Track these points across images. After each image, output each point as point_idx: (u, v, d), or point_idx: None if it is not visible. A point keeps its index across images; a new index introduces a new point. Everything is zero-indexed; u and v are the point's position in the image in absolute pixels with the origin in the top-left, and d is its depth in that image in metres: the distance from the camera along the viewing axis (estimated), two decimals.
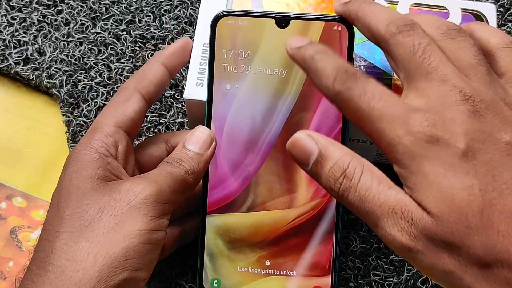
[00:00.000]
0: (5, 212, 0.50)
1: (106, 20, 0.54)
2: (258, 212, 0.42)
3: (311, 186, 0.42)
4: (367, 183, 0.34)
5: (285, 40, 0.41)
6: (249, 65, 0.42)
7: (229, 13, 0.42)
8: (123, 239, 0.36)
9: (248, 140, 0.42)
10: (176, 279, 0.46)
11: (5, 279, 0.47)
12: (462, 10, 0.47)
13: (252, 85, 0.42)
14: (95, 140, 0.40)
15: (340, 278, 0.47)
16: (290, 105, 0.42)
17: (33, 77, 0.53)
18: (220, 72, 0.42)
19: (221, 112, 0.42)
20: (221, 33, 0.42)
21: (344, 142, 0.42)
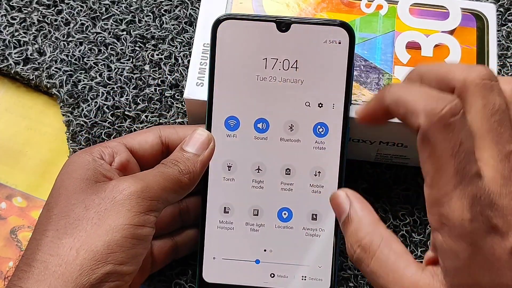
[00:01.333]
0: (5, 212, 0.50)
1: (106, 20, 0.54)
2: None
3: None
4: (382, 258, 0.33)
5: (285, 43, 0.41)
6: (249, 68, 0.42)
7: (230, 17, 0.42)
8: (105, 233, 0.36)
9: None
10: (176, 278, 0.46)
11: (5, 279, 0.47)
12: (462, 10, 0.47)
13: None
14: (93, 148, 0.41)
15: (340, 278, 0.47)
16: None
17: (33, 77, 0.53)
18: (221, 76, 0.42)
19: (223, 117, 0.43)
20: (222, 36, 0.42)
21: (343, 158, 0.42)
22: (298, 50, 0.42)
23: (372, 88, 0.45)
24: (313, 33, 0.42)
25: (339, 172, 0.42)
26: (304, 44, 0.42)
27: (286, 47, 0.42)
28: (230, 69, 0.42)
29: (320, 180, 0.43)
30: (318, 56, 0.42)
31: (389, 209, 0.48)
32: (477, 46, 0.46)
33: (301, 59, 0.42)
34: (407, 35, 0.46)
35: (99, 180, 0.39)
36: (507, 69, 0.52)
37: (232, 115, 0.43)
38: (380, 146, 0.47)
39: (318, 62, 0.42)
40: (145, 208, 0.38)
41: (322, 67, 0.42)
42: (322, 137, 0.42)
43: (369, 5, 0.47)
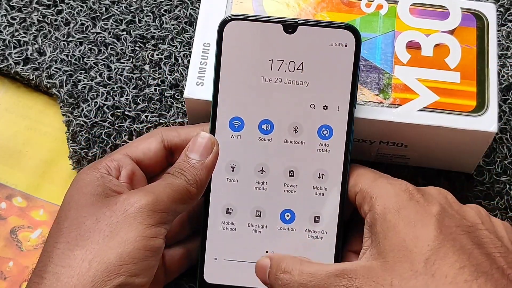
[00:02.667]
0: (5, 212, 0.50)
1: (106, 20, 0.54)
2: None
3: None
4: (306, 269, 0.38)
5: (291, 45, 0.41)
6: (255, 70, 0.42)
7: (236, 18, 0.42)
8: (118, 245, 0.36)
9: None
10: (177, 278, 0.46)
11: (5, 279, 0.47)
12: (462, 10, 0.47)
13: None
14: (100, 163, 0.41)
15: None
16: None
17: (33, 77, 0.53)
18: (226, 77, 0.42)
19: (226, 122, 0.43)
20: (228, 37, 0.42)
21: (346, 167, 0.42)
22: (304, 52, 0.42)
23: (372, 87, 0.45)
24: (320, 35, 0.42)
25: (342, 175, 0.42)
26: (310, 47, 0.42)
27: (292, 49, 0.42)
28: (236, 69, 0.42)
29: (323, 183, 0.42)
30: (324, 58, 0.42)
31: None
32: (477, 46, 0.46)
33: (307, 62, 0.42)
34: (407, 35, 0.46)
35: (109, 195, 0.39)
36: (507, 69, 0.52)
37: (237, 116, 0.43)
38: (380, 145, 0.47)
39: (324, 64, 0.42)
40: (156, 220, 0.38)
41: (328, 69, 0.42)
42: (327, 139, 0.42)
43: (369, 4, 0.47)
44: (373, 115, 0.44)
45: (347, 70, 0.42)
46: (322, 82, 0.42)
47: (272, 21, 0.42)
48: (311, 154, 0.42)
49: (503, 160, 0.50)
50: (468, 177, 0.49)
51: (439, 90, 0.45)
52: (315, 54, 0.42)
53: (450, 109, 0.44)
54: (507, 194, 0.49)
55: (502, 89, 0.52)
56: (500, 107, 0.51)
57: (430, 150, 0.46)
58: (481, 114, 0.44)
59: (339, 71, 0.42)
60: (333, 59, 0.42)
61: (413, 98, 0.44)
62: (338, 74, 0.42)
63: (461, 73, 0.45)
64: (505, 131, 0.51)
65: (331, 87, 0.42)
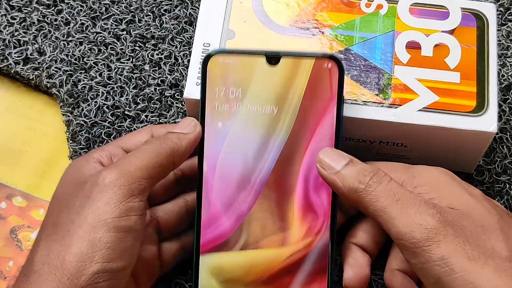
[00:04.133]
0: (5, 212, 0.50)
1: (106, 20, 0.54)
2: (252, 250, 0.42)
3: (304, 223, 0.42)
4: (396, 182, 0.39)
5: (275, 77, 0.42)
6: (240, 103, 0.42)
7: (220, 51, 0.42)
8: (88, 233, 0.36)
9: (241, 178, 0.42)
10: (176, 278, 0.46)
11: (5, 278, 0.47)
12: (462, 10, 0.47)
13: (244, 123, 0.42)
14: (92, 153, 0.41)
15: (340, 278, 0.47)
16: (282, 142, 0.42)
17: (33, 77, 0.53)
18: (212, 110, 0.42)
19: (213, 150, 0.42)
20: (213, 71, 0.42)
21: None
22: (288, 82, 0.42)
23: (372, 88, 0.45)
24: (303, 65, 0.42)
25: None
26: (294, 77, 0.42)
27: (275, 80, 0.42)
28: (221, 102, 0.42)
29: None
30: (308, 87, 0.42)
31: None
32: (477, 45, 0.46)
33: (292, 91, 0.42)
34: (407, 35, 0.46)
35: (86, 181, 0.38)
36: (507, 69, 0.52)
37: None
38: (380, 145, 0.47)
39: (308, 93, 0.42)
40: (124, 195, 0.37)
41: (313, 99, 0.42)
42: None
43: (369, 4, 0.47)
44: (373, 115, 0.44)
45: (332, 99, 0.42)
46: (307, 112, 0.42)
47: (255, 53, 0.42)
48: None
49: (503, 160, 0.50)
50: (468, 176, 0.49)
51: (439, 90, 0.45)
52: (299, 84, 0.42)
53: (450, 109, 0.44)
54: (507, 193, 0.49)
55: (502, 88, 0.52)
56: (500, 106, 0.51)
57: (430, 150, 0.46)
58: (481, 114, 0.44)
59: (324, 100, 0.42)
60: (318, 88, 0.42)
61: (413, 98, 0.44)
62: (323, 103, 0.42)
63: (461, 73, 0.45)
64: (505, 131, 0.51)
65: (317, 118, 0.42)
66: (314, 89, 0.42)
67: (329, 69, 0.42)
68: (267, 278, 0.42)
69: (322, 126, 0.42)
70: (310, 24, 0.47)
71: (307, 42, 0.46)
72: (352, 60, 0.45)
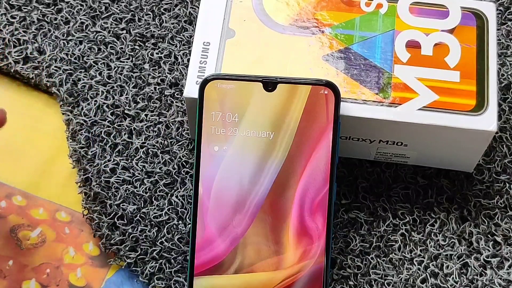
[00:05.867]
0: (4, 211, 0.50)
1: (106, 19, 0.54)
2: (246, 274, 0.42)
3: (299, 247, 0.42)
4: None
5: (272, 103, 0.42)
6: (237, 127, 0.42)
7: (217, 77, 0.43)
8: None
9: (236, 201, 0.42)
10: (175, 276, 0.46)
11: (5, 277, 0.47)
12: (462, 9, 0.47)
13: (240, 148, 0.42)
14: None
15: (340, 277, 0.47)
16: (278, 167, 0.42)
17: (33, 76, 0.53)
18: (208, 134, 0.43)
19: (209, 174, 0.43)
20: (209, 96, 0.43)
21: (331, 204, 0.42)
22: (285, 108, 0.42)
23: (371, 87, 0.45)
24: (299, 91, 0.42)
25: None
26: (291, 103, 0.42)
27: (272, 106, 0.42)
28: (217, 127, 0.43)
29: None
30: (305, 113, 0.42)
31: (388, 208, 0.48)
32: (477, 45, 0.46)
33: (288, 117, 0.42)
34: (407, 34, 0.46)
35: None
36: (507, 68, 0.52)
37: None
38: (379, 145, 0.47)
39: (305, 119, 0.42)
40: None
41: (309, 124, 0.42)
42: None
43: (369, 3, 0.47)
44: (372, 114, 0.44)
45: (328, 123, 0.42)
46: (304, 137, 0.42)
47: (252, 79, 0.43)
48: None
49: (503, 159, 0.50)
50: (467, 176, 0.49)
51: (438, 89, 0.45)
52: (295, 110, 0.42)
53: (449, 108, 0.44)
54: (506, 193, 0.49)
55: (502, 88, 0.52)
56: (500, 106, 0.51)
57: (429, 149, 0.46)
58: (481, 113, 0.44)
59: (320, 126, 0.42)
60: (314, 114, 0.42)
61: (412, 97, 0.44)
62: (319, 129, 0.42)
63: (461, 72, 0.45)
64: (504, 130, 0.51)
65: (313, 143, 0.42)
66: (310, 114, 0.42)
67: (325, 95, 0.42)
68: None
69: (318, 151, 0.42)
70: (310, 23, 0.47)
71: (307, 41, 0.46)
72: (352, 59, 0.45)
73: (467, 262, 0.47)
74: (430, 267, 0.47)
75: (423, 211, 0.48)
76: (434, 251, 0.47)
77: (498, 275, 0.46)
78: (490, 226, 0.48)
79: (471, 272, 0.46)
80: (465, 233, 0.48)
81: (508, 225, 0.48)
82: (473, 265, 0.47)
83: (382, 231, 0.48)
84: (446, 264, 0.47)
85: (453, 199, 0.49)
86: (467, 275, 0.46)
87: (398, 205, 0.49)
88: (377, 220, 0.48)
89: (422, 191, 0.49)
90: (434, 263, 0.47)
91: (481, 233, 0.48)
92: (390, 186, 0.49)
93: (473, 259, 0.47)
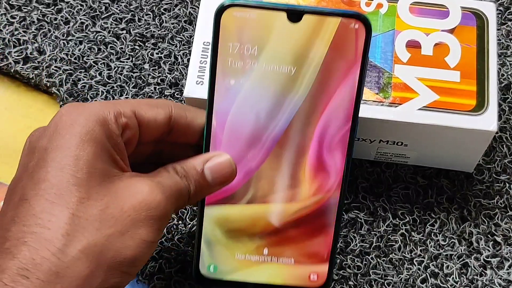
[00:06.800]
0: None
1: (106, 19, 0.54)
2: (258, 204, 0.42)
3: (314, 182, 0.41)
4: None
5: (296, 35, 0.39)
6: (256, 60, 0.40)
7: (235, 4, 0.39)
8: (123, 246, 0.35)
9: (251, 135, 0.41)
10: (176, 276, 0.46)
11: None
12: (462, 9, 0.47)
13: (258, 82, 0.40)
14: (108, 113, 0.37)
15: (340, 277, 0.47)
16: (298, 103, 0.40)
17: (33, 76, 0.53)
18: (223, 67, 0.40)
19: (223, 107, 0.40)
20: (226, 25, 0.39)
21: (352, 141, 0.41)
22: (310, 41, 0.40)
23: (372, 86, 0.45)
24: (327, 24, 0.39)
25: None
26: (316, 36, 0.40)
27: (296, 39, 0.40)
28: (234, 59, 0.40)
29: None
30: (331, 48, 0.40)
31: (388, 208, 0.48)
32: (477, 45, 0.46)
33: (313, 52, 0.40)
34: (407, 34, 0.46)
35: (111, 173, 0.35)
36: (507, 68, 0.52)
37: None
38: (379, 144, 0.47)
39: (331, 54, 0.40)
40: (157, 227, 0.36)
41: (335, 60, 0.40)
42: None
43: (369, 3, 0.47)
44: (373, 114, 0.44)
45: (356, 61, 0.40)
46: (328, 74, 0.40)
47: (275, 8, 0.39)
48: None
49: (503, 159, 0.50)
50: (468, 176, 0.49)
51: (439, 89, 0.45)
52: (322, 43, 0.40)
53: (450, 108, 0.44)
54: (506, 193, 0.49)
55: (502, 88, 0.52)
56: (500, 106, 0.51)
57: (430, 149, 0.46)
58: (481, 113, 0.44)
59: (347, 63, 0.40)
60: (341, 49, 0.39)
61: (413, 97, 0.44)
62: (346, 65, 0.40)
63: (461, 72, 0.45)
64: (504, 130, 0.51)
65: (337, 80, 0.40)
66: (337, 50, 0.39)
67: (356, 30, 0.39)
68: (272, 230, 0.42)
69: (343, 88, 0.40)
70: None
71: None
72: None
73: (467, 262, 0.47)
74: (430, 267, 0.47)
75: (423, 211, 0.48)
76: (434, 251, 0.47)
77: (498, 275, 0.46)
78: (490, 226, 0.48)
79: (471, 272, 0.46)
80: (465, 233, 0.48)
81: (508, 225, 0.48)
82: (473, 265, 0.47)
83: (382, 231, 0.48)
84: (446, 264, 0.47)
85: (453, 199, 0.49)
86: (467, 275, 0.46)
87: (398, 205, 0.49)
88: (377, 220, 0.48)
89: (422, 191, 0.49)
90: (434, 263, 0.47)
91: (481, 233, 0.48)
92: (390, 186, 0.49)
93: (473, 259, 0.47)
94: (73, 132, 0.35)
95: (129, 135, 0.38)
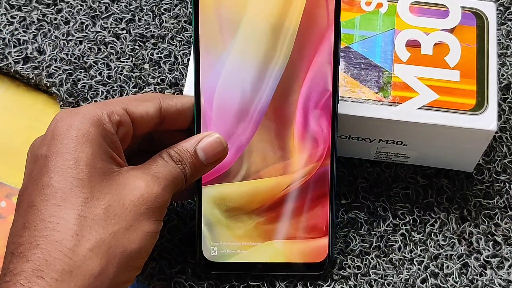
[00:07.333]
0: (5, 211, 0.50)
1: (106, 19, 0.54)
2: (253, 180, 0.43)
3: (304, 151, 0.42)
4: None
5: (271, 6, 0.40)
6: (235, 34, 0.41)
7: None
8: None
9: (239, 109, 0.42)
10: (176, 277, 0.46)
11: None
12: (462, 9, 0.47)
13: (240, 54, 0.41)
14: (102, 113, 0.38)
15: (340, 277, 0.46)
16: (279, 72, 0.42)
17: (33, 76, 0.53)
18: (206, 44, 0.41)
19: (209, 84, 0.42)
20: (205, 2, 0.41)
21: (335, 107, 0.42)
22: (284, 10, 0.41)
23: (371, 86, 0.45)
24: None
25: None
26: (290, 5, 0.41)
27: (271, 9, 0.41)
28: (214, 35, 0.41)
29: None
30: (305, 15, 0.41)
31: (388, 207, 0.48)
32: (477, 44, 0.46)
33: (287, 20, 0.41)
34: (407, 33, 0.46)
35: (110, 169, 0.37)
36: (507, 68, 0.52)
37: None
38: (379, 144, 0.47)
39: (305, 21, 0.41)
40: (157, 216, 0.38)
41: (310, 26, 0.41)
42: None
43: (369, 3, 0.47)
44: (372, 113, 0.44)
45: (329, 25, 0.41)
46: (304, 40, 0.41)
47: None
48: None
49: (503, 159, 0.50)
50: (467, 175, 0.49)
51: (438, 88, 0.45)
52: (294, 12, 0.41)
53: (449, 108, 0.44)
54: (506, 193, 0.49)
55: (502, 87, 0.52)
56: (500, 105, 0.51)
57: (429, 148, 0.46)
58: (481, 113, 0.44)
59: (320, 28, 0.41)
60: (314, 16, 0.41)
61: (412, 97, 0.44)
62: (320, 31, 0.41)
63: (461, 71, 0.45)
64: (504, 130, 0.51)
65: (314, 46, 0.41)
66: (310, 16, 0.41)
67: None
68: (270, 205, 0.43)
69: (320, 54, 0.42)
70: None
71: None
72: (352, 58, 0.45)
73: (467, 262, 0.47)
74: (430, 267, 0.47)
75: (423, 211, 0.48)
76: (434, 251, 0.47)
77: (498, 275, 0.46)
78: (490, 226, 0.48)
79: (471, 272, 0.46)
80: (465, 233, 0.48)
81: (508, 225, 0.48)
82: (473, 265, 0.47)
83: (382, 231, 0.48)
84: (446, 264, 0.47)
85: (453, 199, 0.49)
86: (467, 275, 0.46)
87: (398, 205, 0.49)
88: (377, 220, 0.48)
89: (422, 191, 0.49)
90: (434, 263, 0.47)
91: (481, 233, 0.48)
92: (390, 186, 0.49)
93: (473, 259, 0.47)
94: (70, 136, 0.37)
95: (123, 131, 0.39)
